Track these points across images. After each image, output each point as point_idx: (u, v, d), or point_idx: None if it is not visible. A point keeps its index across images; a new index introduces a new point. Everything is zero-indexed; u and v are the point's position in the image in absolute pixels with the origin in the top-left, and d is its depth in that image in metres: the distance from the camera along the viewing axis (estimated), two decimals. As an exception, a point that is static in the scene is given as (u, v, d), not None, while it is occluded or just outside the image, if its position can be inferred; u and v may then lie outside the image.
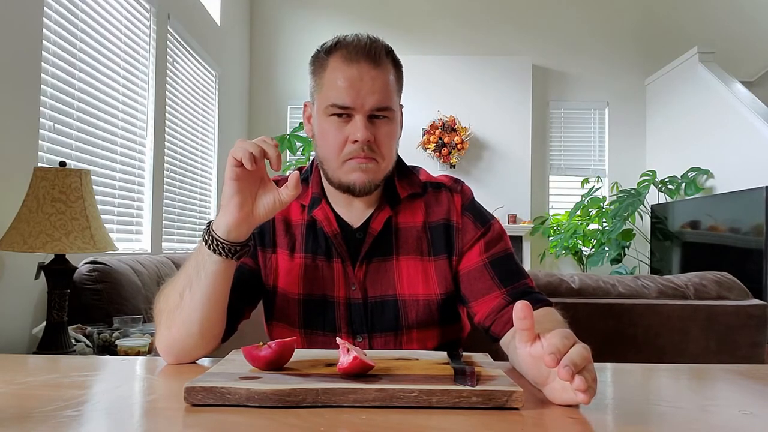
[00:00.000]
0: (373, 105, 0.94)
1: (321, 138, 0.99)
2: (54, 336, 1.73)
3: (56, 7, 2.26)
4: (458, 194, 1.07)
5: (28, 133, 2.05)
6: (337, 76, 0.94)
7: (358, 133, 0.93)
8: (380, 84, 0.94)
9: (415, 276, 1.02)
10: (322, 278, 1.01)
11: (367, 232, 1.02)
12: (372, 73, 0.94)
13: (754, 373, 0.88)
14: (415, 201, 1.06)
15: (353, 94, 0.93)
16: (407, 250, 1.02)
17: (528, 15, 5.62)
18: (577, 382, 0.60)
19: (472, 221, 1.04)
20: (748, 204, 3.52)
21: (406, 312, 1.00)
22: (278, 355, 0.74)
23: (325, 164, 1.00)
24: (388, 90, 0.96)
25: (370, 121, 0.95)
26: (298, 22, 5.53)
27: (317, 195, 1.04)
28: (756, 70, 5.46)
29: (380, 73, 0.95)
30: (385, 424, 0.59)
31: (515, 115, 5.39)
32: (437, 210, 1.05)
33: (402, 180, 1.06)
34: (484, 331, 1.02)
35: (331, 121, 0.96)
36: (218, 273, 0.86)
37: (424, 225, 1.04)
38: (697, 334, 1.54)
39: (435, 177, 1.11)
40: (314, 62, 1.01)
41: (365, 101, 0.93)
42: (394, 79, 0.99)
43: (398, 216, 1.04)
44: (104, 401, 0.68)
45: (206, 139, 4.24)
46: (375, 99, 0.94)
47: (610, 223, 4.76)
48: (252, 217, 0.85)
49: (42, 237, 1.64)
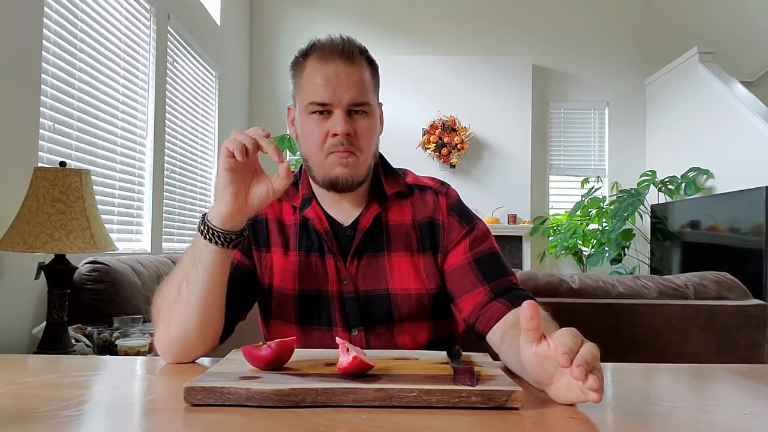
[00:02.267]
0: (350, 100, 0.98)
1: (303, 136, 1.02)
2: (54, 336, 1.73)
3: (56, 7, 2.26)
4: (443, 196, 1.10)
5: (28, 133, 2.05)
6: (315, 75, 0.98)
7: (338, 127, 0.97)
8: (355, 80, 0.99)
9: (406, 271, 1.05)
10: (316, 274, 1.05)
11: (357, 228, 1.05)
12: (347, 69, 0.98)
13: (754, 373, 0.88)
14: (402, 200, 1.09)
15: (330, 90, 0.97)
16: (398, 246, 1.06)
17: (528, 15, 5.62)
18: (590, 381, 0.60)
19: (457, 221, 1.07)
20: (748, 204, 3.51)
21: (398, 305, 1.03)
22: (278, 355, 0.74)
23: (310, 162, 1.03)
24: (364, 86, 1.00)
25: (349, 116, 0.99)
26: (298, 22, 5.53)
27: (307, 196, 1.07)
28: (756, 70, 5.46)
29: (355, 70, 0.99)
30: (385, 424, 0.59)
31: (515, 115, 5.39)
32: (423, 209, 1.08)
33: (388, 179, 1.10)
34: (470, 327, 1.03)
35: (312, 119, 0.99)
36: (215, 263, 0.87)
37: (413, 223, 1.07)
38: (697, 334, 1.54)
39: (421, 179, 1.14)
40: (293, 66, 1.05)
41: (342, 96, 0.97)
42: (370, 76, 1.03)
43: (387, 213, 1.08)
44: (104, 401, 0.68)
45: (206, 139, 4.24)
46: (351, 94, 0.98)
47: (610, 223, 4.76)
48: (246, 207, 0.87)
49: (42, 237, 1.64)
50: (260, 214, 1.08)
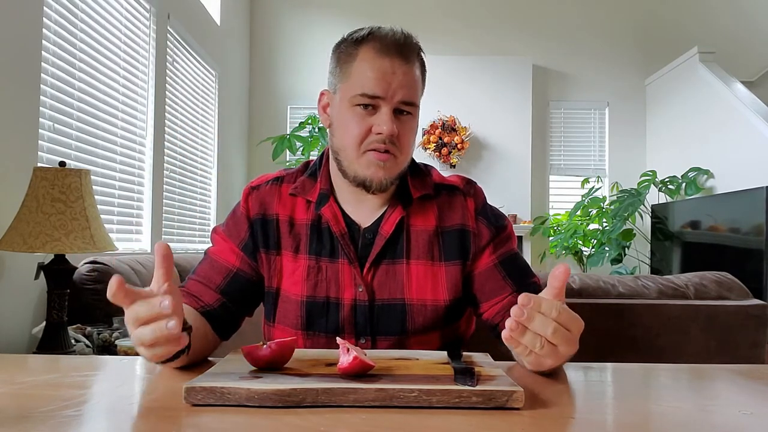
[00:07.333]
0: (402, 98, 0.94)
1: (341, 127, 0.97)
2: (54, 336, 1.73)
3: (56, 7, 2.26)
4: (471, 198, 1.05)
5: (28, 133, 2.05)
6: (369, 66, 0.94)
7: (384, 126, 0.93)
8: (410, 79, 0.95)
9: (424, 281, 1.00)
10: (326, 280, 0.99)
11: (376, 232, 1.00)
12: (404, 67, 0.94)
13: (754, 373, 0.88)
14: (426, 203, 1.04)
15: (384, 85, 0.93)
16: (418, 254, 1.01)
17: (528, 15, 5.62)
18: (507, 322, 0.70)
19: (486, 224, 1.04)
20: (749, 204, 3.51)
21: (413, 317, 0.99)
22: (278, 355, 0.74)
23: (342, 154, 0.98)
24: (416, 86, 0.97)
25: (394, 115, 0.95)
26: (298, 22, 5.53)
27: (325, 191, 1.02)
28: (756, 70, 5.46)
29: (410, 69, 0.96)
30: (385, 424, 0.59)
31: (515, 115, 5.39)
32: (451, 215, 1.04)
33: (414, 179, 1.05)
34: (491, 328, 1.02)
35: (356, 111, 0.95)
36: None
37: (437, 230, 1.02)
38: (697, 334, 1.54)
39: (447, 178, 1.09)
40: (340, 50, 0.99)
41: (395, 93, 0.93)
42: (420, 77, 1.00)
43: (410, 218, 1.02)
44: (104, 401, 0.68)
45: (206, 139, 4.23)
46: (404, 92, 0.94)
47: (610, 223, 4.76)
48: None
49: (42, 237, 1.64)
50: (271, 213, 1.02)
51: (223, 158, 4.54)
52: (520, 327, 0.70)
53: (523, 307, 0.68)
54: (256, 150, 5.24)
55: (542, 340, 0.70)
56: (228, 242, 1.03)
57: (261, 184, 1.05)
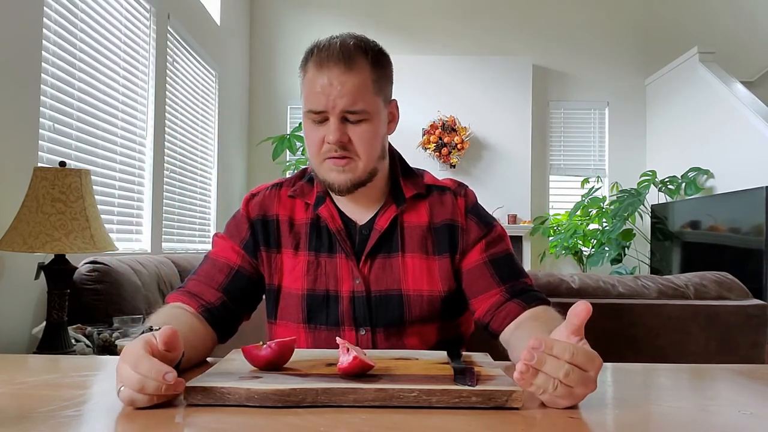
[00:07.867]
0: (343, 108, 0.96)
1: (306, 139, 1.04)
2: (54, 336, 1.73)
3: (56, 7, 2.26)
4: (462, 197, 1.09)
5: (28, 133, 2.05)
6: (310, 82, 0.98)
7: (331, 136, 0.97)
8: (350, 87, 0.95)
9: (420, 272, 1.04)
10: (326, 274, 1.04)
11: (372, 228, 1.05)
12: (341, 78, 0.95)
13: (754, 373, 0.88)
14: (419, 202, 1.08)
15: (323, 99, 0.96)
16: (413, 248, 1.05)
17: (528, 15, 5.62)
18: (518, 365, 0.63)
19: (476, 222, 1.07)
20: (748, 204, 3.51)
21: (410, 307, 1.03)
22: (278, 355, 0.74)
23: (311, 163, 1.05)
24: (361, 92, 0.97)
25: (343, 123, 0.97)
26: (298, 22, 5.53)
27: (322, 193, 1.07)
28: (756, 70, 5.45)
29: (351, 77, 0.95)
30: (384, 424, 0.59)
31: (515, 115, 5.39)
32: (441, 211, 1.08)
33: (407, 181, 1.09)
34: (483, 327, 1.04)
35: (310, 124, 1.00)
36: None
37: (429, 226, 1.07)
38: (697, 334, 1.54)
39: (439, 180, 1.13)
40: (300, 69, 1.04)
41: (335, 104, 0.96)
42: (374, 77, 0.99)
43: (403, 215, 1.07)
44: (104, 401, 0.68)
45: (206, 139, 4.23)
46: (344, 102, 0.96)
47: (610, 223, 4.76)
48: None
49: (42, 237, 1.64)
50: (272, 214, 1.08)
51: (223, 158, 4.54)
52: (532, 370, 0.65)
53: (534, 350, 0.64)
54: (256, 150, 5.24)
55: (555, 381, 0.65)
56: (229, 242, 1.08)
57: (260, 191, 1.12)
